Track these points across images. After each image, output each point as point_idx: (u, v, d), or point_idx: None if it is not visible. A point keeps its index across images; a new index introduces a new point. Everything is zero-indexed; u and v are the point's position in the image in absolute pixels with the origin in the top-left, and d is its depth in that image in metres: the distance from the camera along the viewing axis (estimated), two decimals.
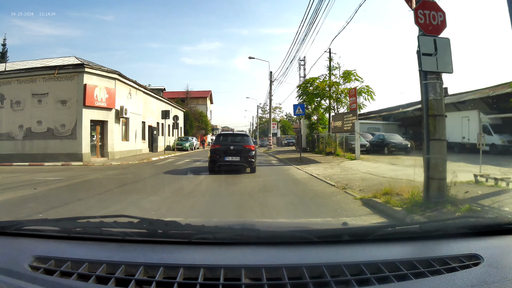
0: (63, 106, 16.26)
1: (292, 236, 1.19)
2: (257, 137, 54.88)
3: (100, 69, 16.93)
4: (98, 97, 16.58)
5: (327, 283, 0.90)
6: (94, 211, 4.90)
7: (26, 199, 6.01)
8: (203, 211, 5.18)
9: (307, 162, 14.27)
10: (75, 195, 6.49)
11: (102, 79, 17.02)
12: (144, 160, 16.47)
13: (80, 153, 15.79)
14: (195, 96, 51.31)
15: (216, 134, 22.13)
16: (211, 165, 10.32)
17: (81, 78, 16.21)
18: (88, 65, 16.46)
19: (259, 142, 50.80)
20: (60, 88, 16.27)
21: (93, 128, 16.82)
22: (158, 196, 6.33)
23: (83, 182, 8.72)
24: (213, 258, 1.02)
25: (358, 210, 5.19)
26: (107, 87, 17.13)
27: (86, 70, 16.22)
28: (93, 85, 16.41)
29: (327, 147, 19.52)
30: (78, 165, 14.33)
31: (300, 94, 19.10)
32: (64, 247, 1.14)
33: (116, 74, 17.64)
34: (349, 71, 17.24)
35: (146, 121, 22.69)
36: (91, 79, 16.49)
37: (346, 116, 15.73)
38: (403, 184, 6.61)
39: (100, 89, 16.71)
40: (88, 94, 16.08)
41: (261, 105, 59.68)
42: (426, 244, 1.18)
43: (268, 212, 4.93)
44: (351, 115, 15.20)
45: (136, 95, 20.72)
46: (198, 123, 43.75)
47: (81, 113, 15.96)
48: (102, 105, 16.74)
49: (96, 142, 16.99)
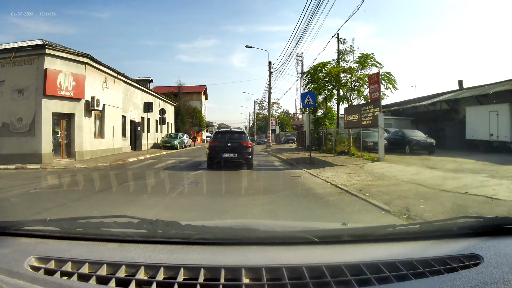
0: (20, 96, 13.21)
1: (292, 236, 1.20)
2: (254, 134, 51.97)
3: (66, 51, 13.90)
4: (63, 85, 13.57)
5: (327, 283, 0.89)
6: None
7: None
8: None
9: (319, 164, 11.43)
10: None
11: (68, 63, 14.00)
12: (119, 162, 13.53)
13: (40, 153, 12.81)
14: (189, 91, 48.29)
15: (212, 131, 20.77)
16: (209, 161, 10.39)
17: (41, 61, 13.20)
18: (51, 46, 13.44)
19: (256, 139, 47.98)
20: (18, 75, 13.21)
21: (57, 122, 13.84)
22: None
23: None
24: (213, 258, 1.00)
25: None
26: (75, 73, 14.11)
27: (48, 52, 13.20)
28: (56, 70, 13.40)
29: (337, 145, 16.73)
30: (33, 168, 11.40)
31: (308, 82, 16.07)
32: (64, 247, 1.12)
33: (86, 58, 14.61)
34: (367, 54, 14.36)
35: (127, 115, 19.66)
36: (54, 63, 13.48)
37: (365, 108, 12.89)
38: (499, 208, 4.50)
39: (66, 75, 13.70)
40: (49, 81, 13.08)
41: (259, 101, 56.81)
42: (426, 244, 1.16)
43: None
44: (371, 107, 12.37)
45: (114, 85, 17.68)
46: (191, 119, 40.66)
47: (40, 104, 12.96)
48: (67, 95, 13.73)
49: (61, 140, 14.00)
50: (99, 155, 15.55)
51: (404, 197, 5.42)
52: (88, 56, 14.67)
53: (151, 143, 24.19)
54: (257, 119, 56.65)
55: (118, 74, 17.91)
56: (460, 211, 4.40)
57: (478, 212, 4.37)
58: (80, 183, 7.76)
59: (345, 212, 4.78)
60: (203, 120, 47.53)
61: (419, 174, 8.14)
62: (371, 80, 12.52)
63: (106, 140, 16.53)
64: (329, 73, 14.71)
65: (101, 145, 16.01)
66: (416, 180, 7.34)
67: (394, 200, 5.23)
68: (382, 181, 7.30)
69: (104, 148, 16.29)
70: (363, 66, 14.62)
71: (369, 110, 12.49)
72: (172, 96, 36.74)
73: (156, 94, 26.06)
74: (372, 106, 12.34)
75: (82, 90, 14.34)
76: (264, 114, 57.50)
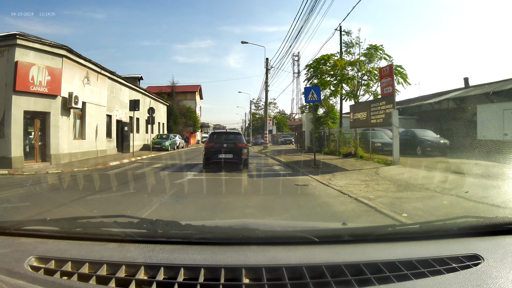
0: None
1: (292, 236, 1.19)
2: (250, 135, 50.51)
3: (40, 42, 12.34)
4: (36, 79, 12.02)
5: (327, 283, 0.88)
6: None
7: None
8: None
9: (326, 168, 10.04)
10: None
11: (43, 55, 12.45)
12: (98, 166, 12.02)
13: (9, 156, 11.26)
14: (183, 90, 46.70)
15: (208, 131, 20.21)
16: (206, 161, 10.47)
17: (12, 53, 11.64)
18: (23, 36, 11.90)
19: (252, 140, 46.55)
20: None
21: (30, 122, 12.29)
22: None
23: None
24: (213, 258, 1.00)
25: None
26: (50, 66, 12.56)
27: (19, 42, 11.64)
28: (29, 63, 11.85)
29: (341, 146, 15.37)
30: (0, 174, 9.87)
31: (310, 76, 14.56)
32: (64, 247, 1.12)
33: (63, 50, 13.07)
34: (375, 45, 12.96)
35: (113, 114, 18.09)
36: (27, 55, 11.93)
37: (375, 105, 11.56)
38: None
39: (39, 69, 12.15)
40: (20, 76, 11.53)
41: (255, 100, 55.39)
42: (426, 244, 1.15)
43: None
44: (383, 103, 11.04)
45: (98, 81, 16.13)
46: (185, 119, 39.05)
47: (10, 101, 11.40)
48: (41, 91, 12.17)
49: (35, 142, 12.44)
50: (79, 158, 14.01)
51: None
52: (65, 47, 13.12)
53: (141, 145, 22.65)
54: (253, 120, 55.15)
55: (102, 69, 16.35)
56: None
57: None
58: (34, 195, 6.26)
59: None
60: (198, 120, 45.92)
61: (449, 182, 6.77)
62: (383, 73, 11.17)
63: (87, 142, 14.97)
64: (335, 66, 13.25)
65: (81, 147, 14.46)
66: (450, 190, 5.96)
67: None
68: (411, 192, 5.92)
69: (86, 151, 14.74)
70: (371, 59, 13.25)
71: (380, 107, 11.16)
72: (166, 96, 35.18)
73: (146, 92, 24.46)
74: (384, 103, 11.01)
75: (59, 85, 12.79)
76: (260, 114, 56.09)
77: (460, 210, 4.48)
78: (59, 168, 11.31)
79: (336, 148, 15.68)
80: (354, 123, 13.34)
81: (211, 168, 10.29)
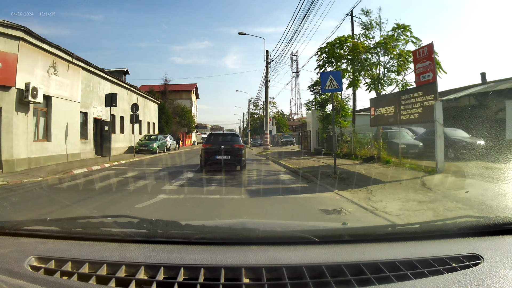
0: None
1: (292, 236, 1.18)
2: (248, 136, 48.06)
3: None
4: None
5: (327, 283, 0.87)
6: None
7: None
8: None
9: (352, 179, 7.60)
10: None
11: None
12: (59, 174, 9.53)
13: None
14: (178, 89, 44.23)
15: (204, 132, 19.44)
16: (203, 163, 10.51)
17: None
18: None
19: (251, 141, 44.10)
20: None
21: None
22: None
23: None
24: (213, 258, 0.98)
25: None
26: (2, 51, 10.10)
27: None
28: None
29: (357, 148, 12.99)
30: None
31: (322, 63, 11.97)
32: (64, 247, 1.10)
33: (20, 31, 10.58)
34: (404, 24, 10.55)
35: (89, 111, 15.57)
36: None
37: (407, 97, 9.20)
38: None
39: None
40: None
41: (253, 100, 52.83)
42: (426, 244, 1.13)
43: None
44: (420, 93, 8.69)
45: (69, 72, 13.63)
46: (178, 118, 36.55)
47: None
48: None
49: None
50: (42, 163, 11.51)
51: None
52: (22, 28, 10.62)
53: (126, 147, 20.14)
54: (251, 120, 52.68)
55: (75, 58, 13.85)
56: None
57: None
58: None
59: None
60: (193, 120, 43.44)
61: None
62: (419, 57, 8.79)
63: (54, 144, 12.46)
64: (354, 49, 10.79)
65: (45, 151, 11.96)
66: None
67: None
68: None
69: (51, 155, 12.23)
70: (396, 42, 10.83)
71: (415, 98, 8.80)
72: (159, 95, 32.69)
73: (132, 88, 21.88)
74: (421, 93, 8.66)
75: (12, 74, 10.31)
76: (259, 114, 53.68)
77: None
78: (10, 177, 8.84)
79: (351, 150, 13.28)
80: (376, 121, 10.93)
81: (196, 180, 8.36)
